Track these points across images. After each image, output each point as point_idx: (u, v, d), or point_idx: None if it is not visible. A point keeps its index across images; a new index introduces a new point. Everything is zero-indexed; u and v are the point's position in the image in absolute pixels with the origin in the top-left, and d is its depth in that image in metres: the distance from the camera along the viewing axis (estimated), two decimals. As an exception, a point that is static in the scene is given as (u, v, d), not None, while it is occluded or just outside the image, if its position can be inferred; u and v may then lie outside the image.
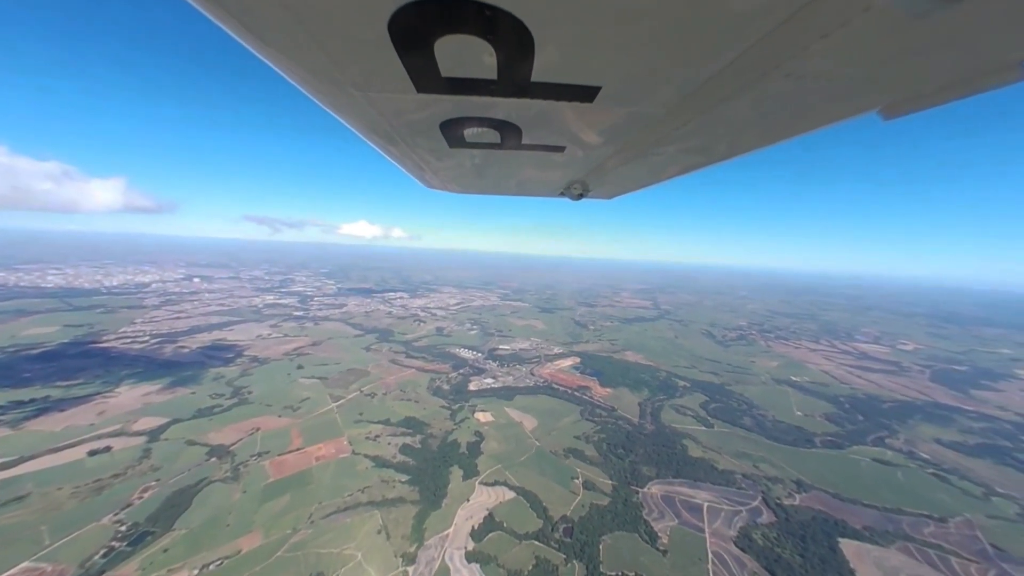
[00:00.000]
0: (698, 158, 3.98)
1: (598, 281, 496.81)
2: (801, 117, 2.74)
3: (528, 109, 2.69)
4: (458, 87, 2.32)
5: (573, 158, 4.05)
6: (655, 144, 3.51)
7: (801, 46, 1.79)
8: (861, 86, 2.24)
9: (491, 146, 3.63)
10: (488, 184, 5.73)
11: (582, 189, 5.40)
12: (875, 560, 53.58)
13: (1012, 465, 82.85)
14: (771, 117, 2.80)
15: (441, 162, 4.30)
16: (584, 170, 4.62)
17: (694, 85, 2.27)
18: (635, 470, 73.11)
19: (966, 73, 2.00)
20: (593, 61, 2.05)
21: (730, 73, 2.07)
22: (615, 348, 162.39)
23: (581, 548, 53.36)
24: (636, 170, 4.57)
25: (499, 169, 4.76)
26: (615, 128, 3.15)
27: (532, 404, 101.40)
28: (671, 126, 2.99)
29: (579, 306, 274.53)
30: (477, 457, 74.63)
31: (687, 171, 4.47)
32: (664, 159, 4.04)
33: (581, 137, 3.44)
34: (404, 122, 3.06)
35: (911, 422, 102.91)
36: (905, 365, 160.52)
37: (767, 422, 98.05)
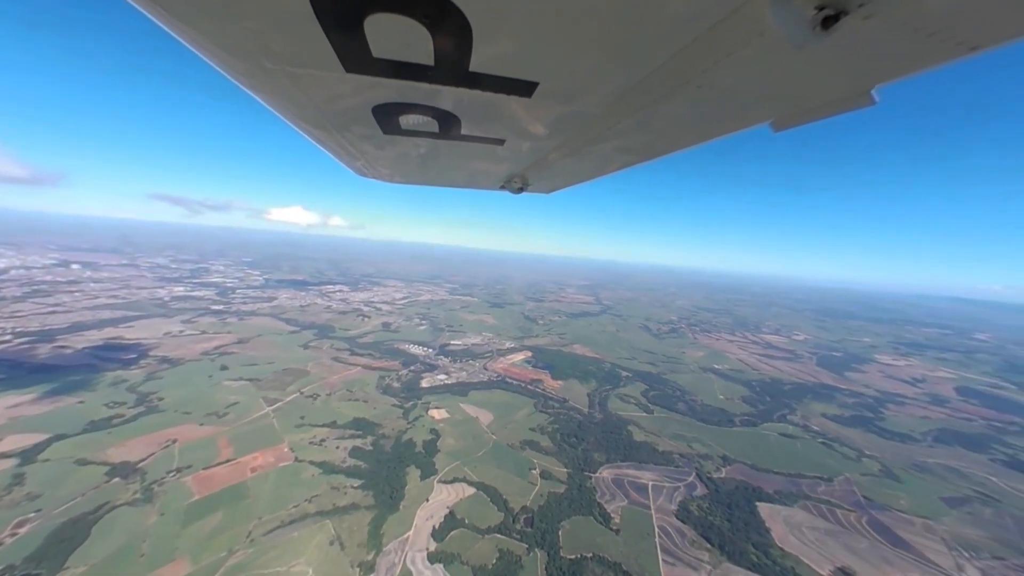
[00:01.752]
0: (628, 157, 4.27)
1: (544, 277, 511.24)
2: (710, 124, 3.15)
3: (467, 99, 2.68)
4: (392, 70, 2.26)
5: (513, 151, 4.09)
6: (591, 142, 3.65)
7: (712, 61, 2.10)
8: (756, 100, 2.64)
9: (430, 135, 3.58)
10: (428, 175, 5.66)
11: (522, 183, 5.46)
12: (784, 518, 63.18)
13: (875, 432, 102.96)
14: (687, 123, 3.15)
15: (376, 150, 4.14)
16: (524, 164, 4.68)
17: (623, 88, 2.46)
18: (587, 457, 77.18)
19: (834, 96, 2.47)
20: (531, 57, 2.10)
21: (654, 80, 2.30)
22: (564, 342, 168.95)
23: (542, 536, 55.09)
24: (573, 166, 4.71)
25: (439, 160, 4.68)
26: (553, 124, 3.24)
27: (487, 399, 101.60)
28: (604, 125, 3.17)
29: (528, 301, 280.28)
30: (434, 455, 72.93)
31: (619, 169, 4.73)
32: (599, 156, 4.24)
33: (521, 131, 3.47)
34: (332, 104, 2.89)
35: (804, 400, 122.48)
36: (798, 353, 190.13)
37: (697, 406, 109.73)
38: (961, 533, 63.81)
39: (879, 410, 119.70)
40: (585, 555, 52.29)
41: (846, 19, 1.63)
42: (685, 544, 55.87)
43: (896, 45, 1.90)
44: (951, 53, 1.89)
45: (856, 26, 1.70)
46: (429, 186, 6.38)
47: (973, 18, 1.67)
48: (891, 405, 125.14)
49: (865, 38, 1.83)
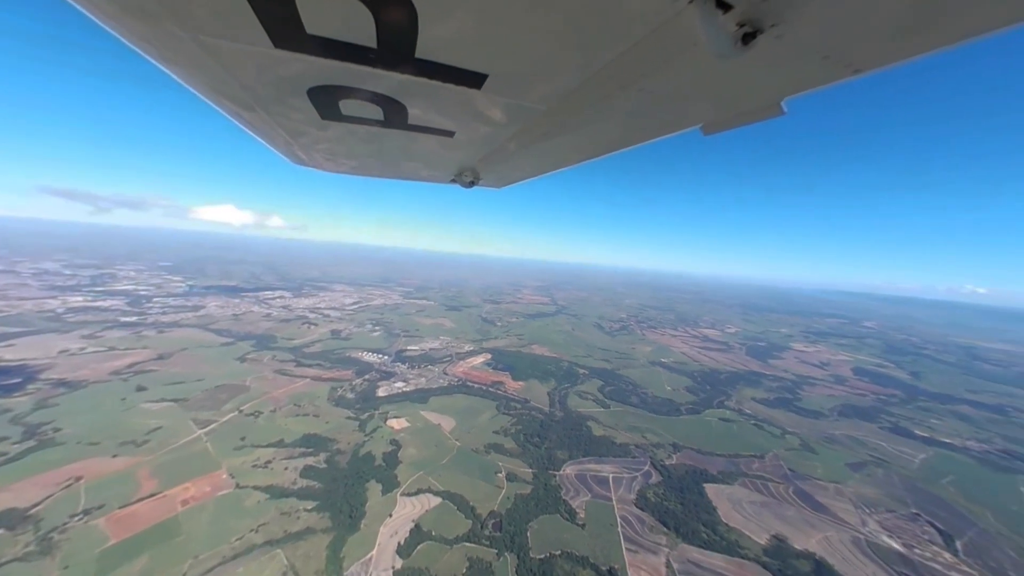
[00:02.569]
0: (577, 153, 4.45)
1: (500, 279, 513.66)
2: (651, 125, 3.42)
3: (413, 87, 2.65)
4: (329, 49, 2.16)
5: (464, 144, 4.08)
6: (541, 137, 3.78)
7: (652, 66, 2.28)
8: (690, 104, 2.93)
9: (375, 123, 3.49)
10: (374, 166, 5.50)
11: (473, 176, 5.45)
12: (727, 496, 69.65)
13: (794, 412, 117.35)
14: (630, 122, 3.40)
15: (313, 136, 3.99)
16: (475, 157, 4.69)
17: (572, 86, 2.60)
18: (551, 455, 78.83)
19: (753, 105, 2.83)
20: (481, 48, 2.13)
21: (601, 80, 2.47)
22: (523, 343, 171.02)
23: (511, 539, 55.21)
24: (524, 160, 4.82)
25: (385, 150, 4.55)
26: (503, 117, 3.28)
27: (448, 404, 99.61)
28: (554, 121, 3.32)
29: (485, 303, 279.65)
30: (396, 467, 69.87)
31: (569, 165, 4.90)
32: (549, 152, 4.41)
33: (471, 123, 3.48)
34: (259, 83, 2.73)
35: (738, 387, 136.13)
36: (731, 344, 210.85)
37: (648, 398, 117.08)
38: (863, 493, 75.02)
39: (796, 391, 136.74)
40: (554, 553, 53.31)
41: (762, 36, 1.85)
42: (645, 531, 59.30)
43: (799, 63, 2.22)
44: (841, 73, 2.24)
45: (769, 44, 1.95)
46: (376, 178, 6.15)
47: (857, 46, 2.02)
48: (805, 386, 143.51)
49: (776, 56, 2.10)
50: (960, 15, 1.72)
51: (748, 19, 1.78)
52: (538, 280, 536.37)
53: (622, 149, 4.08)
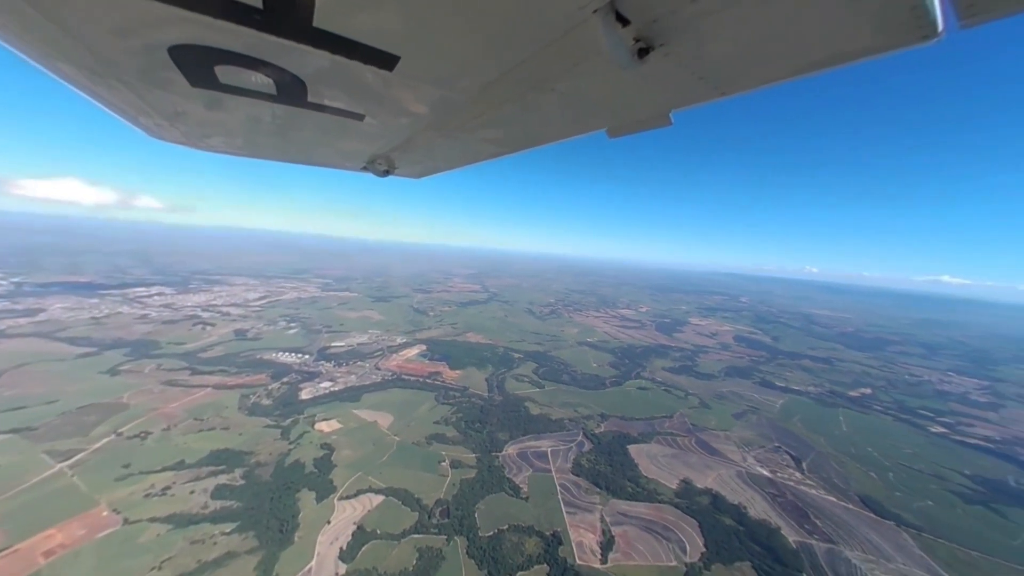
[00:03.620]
0: (496, 148, 4.49)
1: (428, 267, 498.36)
2: (563, 124, 3.61)
3: (314, 61, 2.42)
4: (200, 2, 1.86)
5: (375, 129, 3.93)
6: (459, 129, 3.78)
7: (563, 69, 2.43)
8: (597, 108, 3.14)
9: (265, 98, 3.10)
10: (268, 147, 4.94)
11: (388, 165, 5.26)
12: (646, 453, 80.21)
13: (694, 376, 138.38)
14: (545, 120, 3.54)
15: (178, 106, 3.42)
16: (388, 144, 4.52)
17: (489, 80, 2.66)
18: (493, 438, 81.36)
19: (647, 114, 3.15)
20: (391, 27, 2.06)
21: (517, 76, 2.57)
22: (457, 331, 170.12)
23: (460, 523, 56.36)
24: (442, 152, 4.73)
25: (282, 130, 4.09)
26: (419, 105, 3.21)
27: (384, 400, 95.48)
28: (472, 114, 3.33)
29: (415, 293, 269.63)
30: (330, 472, 65.34)
31: (488, 158, 4.90)
32: (468, 144, 4.37)
33: (382, 108, 3.36)
34: (98, 36, 2.25)
35: (651, 359, 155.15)
36: (643, 322, 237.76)
37: (578, 375, 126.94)
38: (743, 436, 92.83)
39: (695, 359, 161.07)
40: (501, 528, 55.98)
41: (654, 53, 2.07)
42: (581, 494, 65.50)
43: (681, 81, 2.52)
44: (711, 94, 2.62)
45: (659, 61, 2.19)
46: (272, 160, 5.60)
47: (723, 72, 2.38)
48: (701, 354, 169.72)
49: (664, 72, 2.38)
50: (805, 53, 2.11)
51: (643, 35, 1.99)
52: (468, 268, 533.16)
53: (539, 146, 4.22)
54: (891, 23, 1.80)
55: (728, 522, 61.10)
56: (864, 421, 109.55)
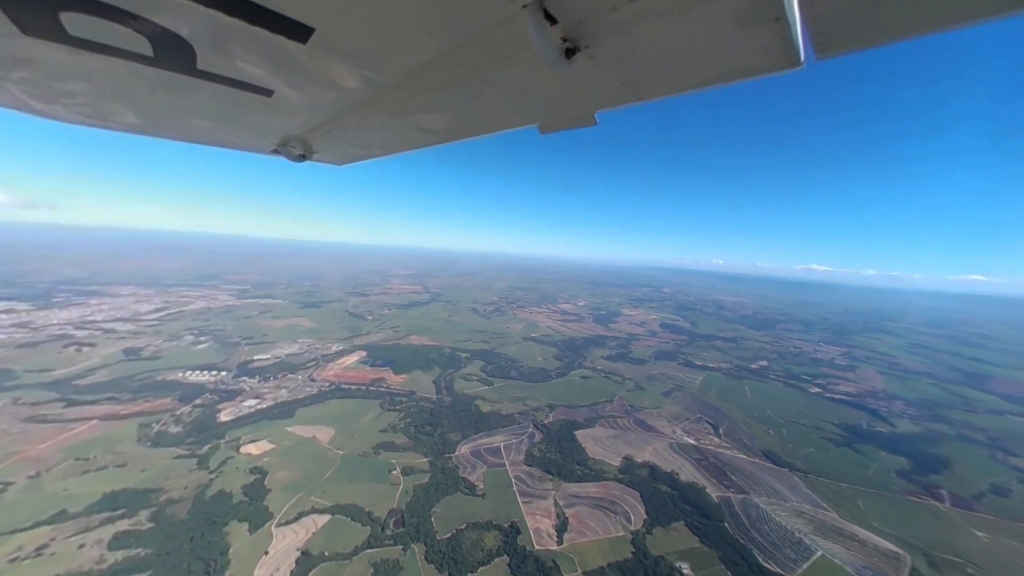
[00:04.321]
0: (427, 136, 4.29)
1: (362, 268, 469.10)
2: (495, 117, 3.60)
3: (203, 21, 2.09)
4: None
5: (287, 107, 3.57)
6: (387, 113, 3.59)
7: (497, 60, 2.53)
8: (528, 103, 3.24)
9: (134, 58, 2.57)
10: (148, 120, 4.06)
11: (304, 149, 4.82)
12: (591, 437, 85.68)
13: (629, 362, 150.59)
14: (477, 112, 3.49)
15: (11, 60, 2.68)
16: (304, 125, 4.13)
17: (415, 62, 2.61)
18: (445, 440, 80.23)
19: (575, 113, 3.35)
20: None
21: (447, 64, 2.59)
22: (399, 335, 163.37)
23: (416, 530, 54.89)
24: (368, 137, 4.47)
25: (163, 101, 3.44)
26: (338, 84, 3.00)
27: (322, 413, 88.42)
28: (400, 99, 3.20)
29: (350, 296, 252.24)
30: (264, 498, 58.92)
31: (418, 147, 4.71)
32: (397, 131, 4.15)
33: (295, 84, 3.07)
34: None
35: (591, 349, 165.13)
36: (582, 315, 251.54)
37: (525, 370, 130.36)
38: (672, 411, 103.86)
39: (628, 346, 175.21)
40: (459, 528, 55.77)
41: (580, 54, 2.18)
42: (535, 483, 67.87)
43: (604, 84, 2.65)
44: (629, 98, 2.81)
45: (585, 63, 2.29)
46: (157, 138, 4.68)
47: (639, 79, 2.57)
48: (634, 342, 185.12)
49: (590, 73, 2.49)
50: (704, 68, 2.38)
51: (569, 35, 2.08)
52: (407, 268, 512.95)
53: (475, 136, 4.16)
54: (769, 51, 2.21)
55: (664, 489, 68.21)
56: (763, 388, 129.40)
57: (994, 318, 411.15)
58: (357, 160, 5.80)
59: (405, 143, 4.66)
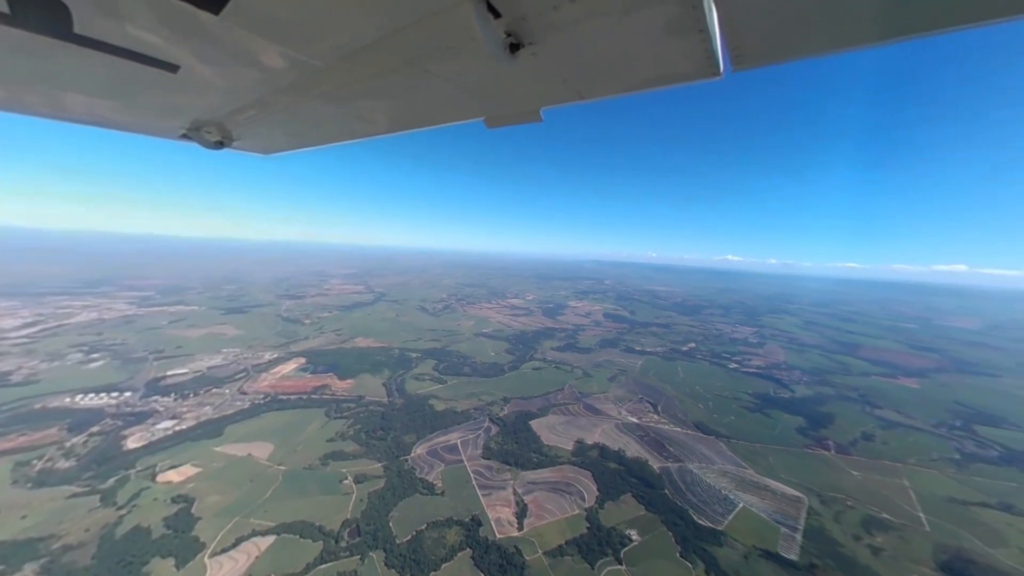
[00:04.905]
0: (363, 126, 4.07)
1: (295, 269, 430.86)
2: (437, 109, 3.57)
3: None
4: None
5: (196, 86, 3.17)
6: (322, 99, 3.38)
7: (440, 50, 2.45)
8: (472, 96, 3.23)
9: None
10: (13, 94, 3.43)
11: (221, 135, 4.34)
12: (546, 425, 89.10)
13: (577, 351, 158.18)
14: (418, 103, 3.44)
15: None
16: (220, 108, 3.72)
17: (349, 44, 2.43)
18: (399, 443, 77.95)
19: (520, 108, 3.44)
20: None
21: (384, 49, 2.46)
22: (343, 338, 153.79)
23: (374, 537, 53.02)
24: (301, 124, 4.17)
25: (25, 68, 2.87)
26: (260, 64, 2.71)
27: (257, 428, 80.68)
28: (336, 83, 3.01)
29: (282, 300, 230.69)
30: (192, 528, 52.54)
31: (359, 137, 4.44)
32: (334, 119, 3.90)
33: (207, 60, 2.69)
34: None
35: (541, 341, 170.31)
36: (531, 309, 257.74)
37: (478, 366, 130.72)
38: (617, 394, 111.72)
39: (576, 336, 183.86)
40: (419, 529, 55.00)
41: (524, 51, 2.28)
42: (494, 475, 69.04)
43: (548, 81, 2.76)
44: (571, 96, 2.96)
45: (529, 59, 2.39)
46: (26, 115, 3.85)
47: (581, 78, 2.70)
48: (580, 332, 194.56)
49: (534, 70, 2.60)
50: (638, 73, 2.57)
51: (514, 31, 2.11)
52: (347, 267, 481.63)
53: (416, 128, 4.06)
54: (694, 60, 2.40)
55: (613, 466, 73.56)
56: (692, 367, 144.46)
57: (863, 298, 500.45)
58: (286, 150, 5.33)
59: (342, 133, 4.37)
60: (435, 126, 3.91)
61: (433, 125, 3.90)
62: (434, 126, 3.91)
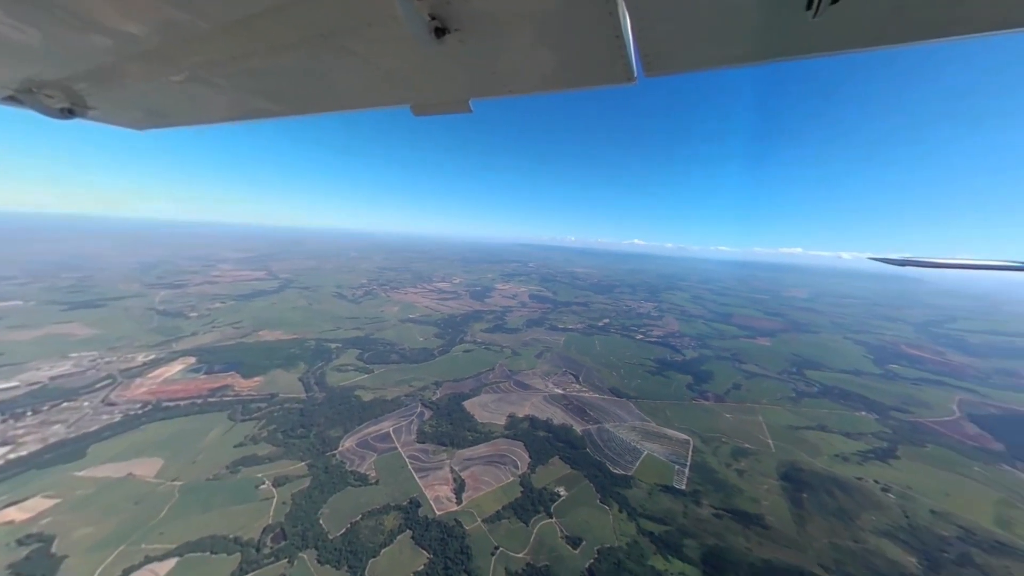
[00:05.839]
0: (272, 105, 3.65)
1: (173, 252, 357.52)
2: (358, 92, 3.35)
3: None
4: None
5: (20, 35, 2.53)
6: (213, 70, 2.94)
7: (358, 27, 2.21)
8: (397, 81, 3.06)
9: None
10: None
11: (69, 100, 3.56)
12: (479, 404, 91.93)
13: (505, 332, 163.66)
14: (340, 85, 3.17)
15: None
16: (63, 67, 2.98)
17: (242, 9, 2.11)
18: (324, 438, 73.20)
19: (450, 97, 3.30)
20: None
21: (290, 19, 2.17)
22: (244, 331, 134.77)
23: (302, 537, 50.04)
24: (185, 97, 3.54)
25: None
26: (118, 17, 2.25)
27: (138, 442, 67.95)
28: (231, 52, 2.62)
29: (154, 290, 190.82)
30: (57, 569, 43.05)
31: (260, 117, 3.94)
32: (228, 93, 3.40)
33: (38, 3, 2.19)
34: None
35: (470, 324, 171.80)
36: (459, 292, 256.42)
37: (406, 352, 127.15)
38: (544, 369, 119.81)
39: (504, 318, 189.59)
40: (355, 520, 53.54)
41: (450, 36, 2.18)
42: (430, 457, 69.66)
43: (476, 71, 2.75)
44: (500, 90, 2.98)
45: (456, 46, 2.30)
46: None
47: (509, 70, 2.70)
48: (508, 314, 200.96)
49: (461, 58, 2.55)
50: (558, 72, 2.71)
51: (438, 14, 2.06)
52: (241, 250, 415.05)
53: (331, 111, 3.78)
54: (612, 64, 2.54)
55: (542, 434, 79.95)
56: (607, 340, 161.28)
57: (732, 275, 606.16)
58: (167, 125, 4.48)
59: (240, 110, 3.76)
60: (355, 110, 3.64)
61: (353, 109, 3.62)
62: (354, 110, 3.64)
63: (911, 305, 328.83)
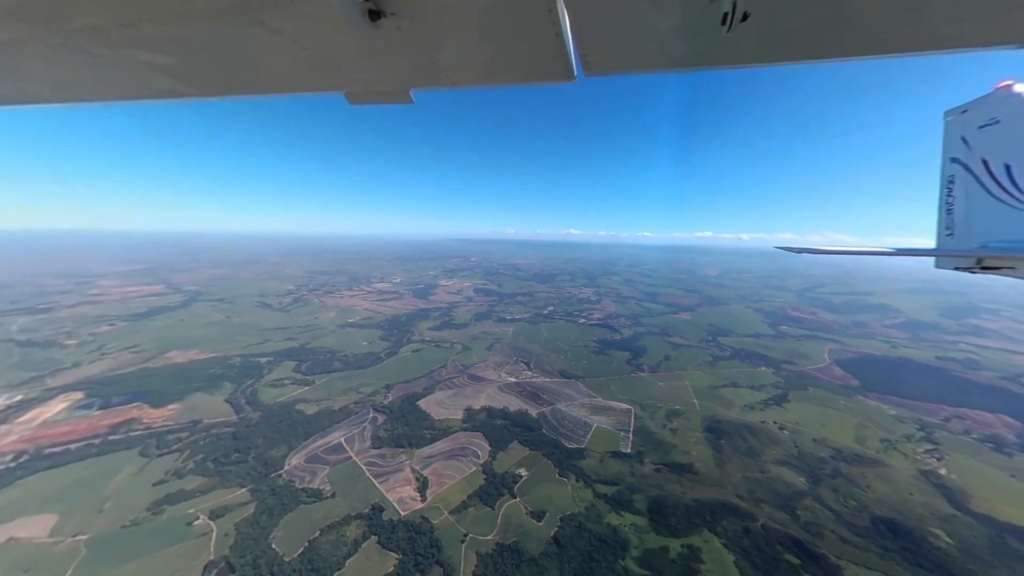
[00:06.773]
0: (174, 83, 3.12)
1: (30, 268, 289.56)
2: (285, 75, 2.99)
3: None
4: None
5: None
6: (96, 38, 2.46)
7: (282, 3, 2.02)
8: (328, 66, 2.84)
9: None
10: None
11: None
12: (434, 401, 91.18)
13: (453, 328, 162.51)
14: (261, 66, 2.86)
15: None
16: None
17: None
18: (265, 460, 67.27)
19: (387, 87, 3.13)
20: None
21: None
22: (146, 355, 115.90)
23: (254, 565, 46.21)
24: (43, 68, 2.91)
25: None
26: None
27: (17, 500, 56.10)
28: (121, 17, 2.25)
29: (8, 317, 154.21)
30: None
31: (157, 97, 3.36)
32: (118, 67, 2.87)
33: None
34: None
35: (416, 323, 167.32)
36: (400, 292, 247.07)
37: (350, 359, 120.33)
38: (496, 360, 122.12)
39: (451, 314, 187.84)
40: (312, 538, 50.75)
41: (386, 20, 2.05)
42: (388, 461, 67.93)
43: (413, 61, 2.67)
44: (441, 81, 2.96)
45: (393, 32, 2.18)
46: None
47: (448, 61, 2.72)
48: (454, 309, 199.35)
49: (400, 46, 2.45)
50: (500, 66, 2.73)
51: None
52: (126, 262, 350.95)
53: (248, 95, 3.30)
54: (553, 62, 2.67)
55: (500, 422, 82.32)
56: (553, 327, 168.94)
57: (656, 259, 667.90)
58: (18, 104, 3.62)
59: (132, 88, 3.21)
60: (279, 94, 3.26)
61: (276, 93, 3.22)
62: (278, 94, 3.25)
63: (792, 276, 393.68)
